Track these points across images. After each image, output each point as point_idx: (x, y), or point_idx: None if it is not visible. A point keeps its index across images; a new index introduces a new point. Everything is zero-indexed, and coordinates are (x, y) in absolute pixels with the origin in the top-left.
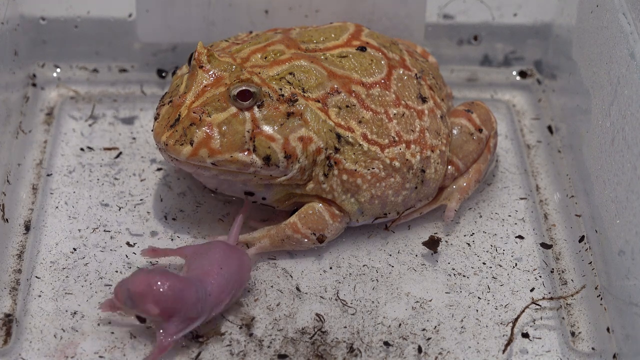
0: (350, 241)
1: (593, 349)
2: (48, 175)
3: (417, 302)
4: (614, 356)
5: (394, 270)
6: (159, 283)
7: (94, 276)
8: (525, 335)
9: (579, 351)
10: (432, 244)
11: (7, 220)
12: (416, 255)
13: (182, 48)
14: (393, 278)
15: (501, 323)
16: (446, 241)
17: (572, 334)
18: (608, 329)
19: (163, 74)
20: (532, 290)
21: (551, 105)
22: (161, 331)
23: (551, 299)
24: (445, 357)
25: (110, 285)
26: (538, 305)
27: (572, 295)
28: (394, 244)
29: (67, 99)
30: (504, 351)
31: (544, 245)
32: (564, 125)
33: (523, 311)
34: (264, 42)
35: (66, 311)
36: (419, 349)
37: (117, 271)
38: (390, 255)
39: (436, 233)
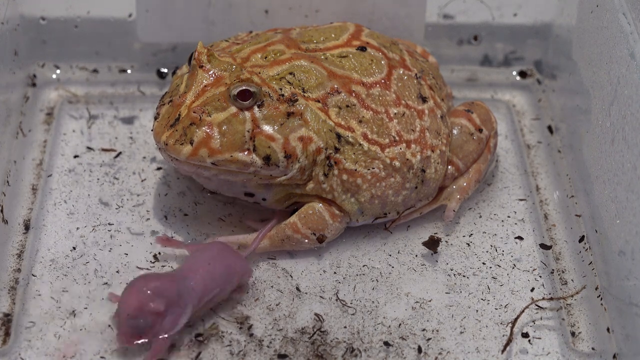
0: (350, 241)
1: (593, 349)
2: (48, 176)
3: (417, 302)
4: (614, 356)
5: (393, 270)
6: (142, 283)
7: (93, 275)
8: (525, 335)
9: (579, 351)
10: (432, 244)
11: (6, 221)
12: (416, 256)
13: (182, 48)
14: (393, 278)
15: (501, 323)
16: (446, 241)
17: (572, 334)
18: (608, 329)
19: (163, 74)
20: (532, 290)
21: (551, 105)
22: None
23: (551, 299)
24: (445, 357)
25: (110, 285)
26: (538, 305)
27: (572, 296)
28: (394, 244)
29: (67, 99)
30: (503, 351)
31: (544, 246)
32: (564, 125)
33: (523, 311)
34: (264, 42)
35: (66, 310)
36: (419, 349)
37: (117, 271)
38: (390, 255)
39: (436, 233)
